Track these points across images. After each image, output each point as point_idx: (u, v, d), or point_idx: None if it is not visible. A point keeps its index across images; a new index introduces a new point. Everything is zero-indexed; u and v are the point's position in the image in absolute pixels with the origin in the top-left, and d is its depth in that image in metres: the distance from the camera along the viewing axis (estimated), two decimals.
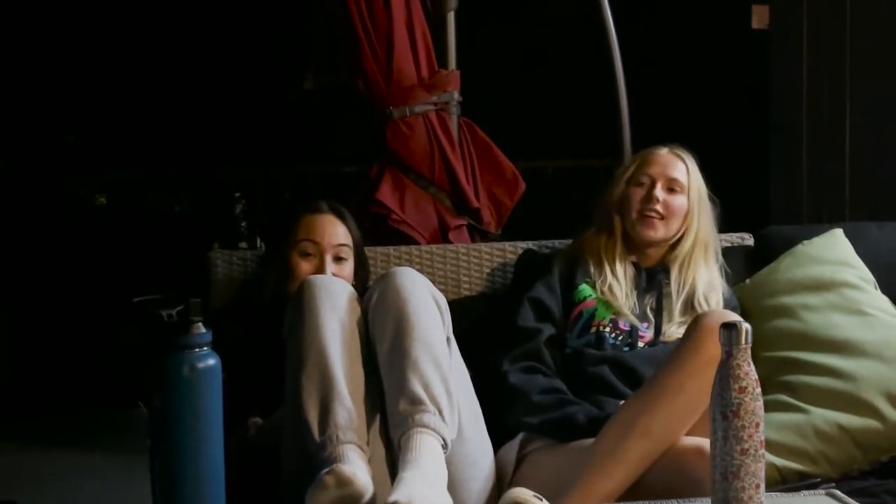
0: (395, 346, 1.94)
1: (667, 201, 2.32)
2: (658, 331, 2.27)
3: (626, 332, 2.26)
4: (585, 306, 2.28)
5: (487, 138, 3.04)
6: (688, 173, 2.35)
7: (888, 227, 2.62)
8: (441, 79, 2.94)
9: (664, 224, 2.32)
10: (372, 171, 2.92)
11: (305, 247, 2.26)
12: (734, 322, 1.63)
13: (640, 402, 1.94)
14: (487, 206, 2.99)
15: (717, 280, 2.36)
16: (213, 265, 2.49)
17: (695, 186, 2.35)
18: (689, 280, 2.31)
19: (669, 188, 2.33)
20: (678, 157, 2.37)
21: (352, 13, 2.85)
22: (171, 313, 1.66)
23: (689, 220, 2.34)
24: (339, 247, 2.28)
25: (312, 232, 2.27)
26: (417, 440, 1.83)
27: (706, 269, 2.34)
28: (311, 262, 2.25)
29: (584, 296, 2.29)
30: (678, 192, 2.33)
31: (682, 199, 2.33)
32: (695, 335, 1.92)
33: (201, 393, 1.62)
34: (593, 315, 2.27)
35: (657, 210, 2.31)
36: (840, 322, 2.32)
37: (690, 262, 2.33)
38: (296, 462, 1.91)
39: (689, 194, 2.34)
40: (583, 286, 2.30)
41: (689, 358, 1.90)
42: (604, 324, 2.26)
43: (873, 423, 2.18)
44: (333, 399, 1.88)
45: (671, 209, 2.32)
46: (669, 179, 2.33)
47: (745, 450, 1.59)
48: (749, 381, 1.60)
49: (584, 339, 2.25)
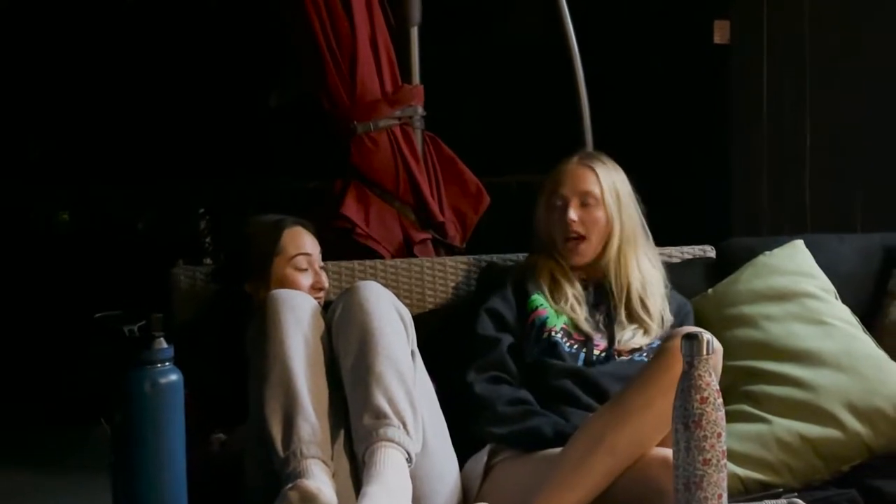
0: (359, 360, 1.93)
1: (583, 218, 2.32)
2: (611, 340, 2.29)
3: (580, 341, 2.27)
4: (538, 315, 2.29)
5: (452, 153, 3.05)
6: (599, 181, 2.33)
7: (848, 240, 2.65)
8: (405, 93, 2.94)
9: (587, 242, 2.33)
10: (336, 186, 2.91)
11: (300, 262, 2.28)
12: (696, 333, 1.64)
13: (608, 417, 1.95)
14: (452, 220, 2.99)
15: (651, 273, 2.36)
16: (176, 281, 2.48)
17: (609, 191, 2.33)
18: (625, 282, 2.32)
19: (583, 203, 2.33)
20: (586, 166, 2.36)
21: (314, 28, 2.84)
22: (133, 329, 1.65)
23: (611, 225, 2.34)
24: (319, 256, 2.33)
25: (303, 246, 2.29)
26: (382, 454, 1.83)
27: (637, 265, 2.34)
28: (307, 275, 2.28)
29: (536, 305, 2.31)
30: (593, 205, 2.33)
31: (598, 211, 2.33)
32: (663, 353, 1.93)
33: (163, 409, 1.62)
34: (545, 322, 2.28)
35: (577, 231, 2.32)
36: (801, 332, 2.34)
37: (621, 261, 2.33)
38: (260, 477, 1.90)
39: (605, 200, 2.33)
40: (535, 296, 2.32)
41: (659, 375, 1.91)
42: (555, 330, 2.27)
43: (834, 432, 2.20)
44: (297, 413, 1.87)
45: (589, 225, 2.32)
46: (581, 194, 2.33)
47: (707, 460, 1.61)
48: (710, 392, 1.62)
49: (539, 346, 2.26)
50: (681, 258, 2.62)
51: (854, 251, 2.59)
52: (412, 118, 2.96)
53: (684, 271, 2.57)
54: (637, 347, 2.27)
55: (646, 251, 2.38)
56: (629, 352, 2.26)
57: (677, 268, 2.57)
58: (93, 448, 3.09)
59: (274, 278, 2.26)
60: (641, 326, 2.29)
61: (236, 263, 2.35)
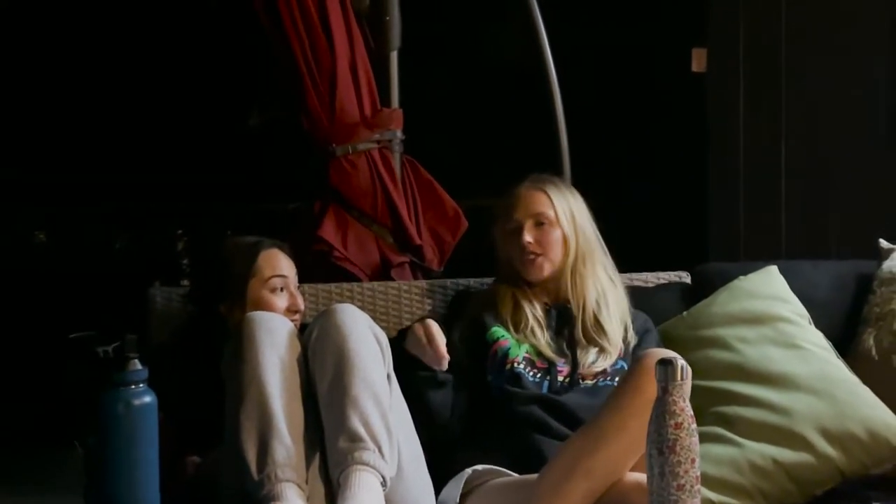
0: (335, 383, 1.93)
1: (538, 239, 2.35)
2: (575, 364, 2.29)
3: (543, 369, 2.28)
4: (500, 345, 2.30)
5: (430, 177, 3.06)
6: (551, 202, 2.37)
7: (822, 266, 2.67)
8: (384, 117, 2.95)
9: (546, 259, 2.35)
10: (314, 208, 2.91)
11: (275, 283, 2.27)
12: (670, 358, 1.65)
13: (583, 441, 1.95)
14: (430, 243, 3.00)
15: (609, 290, 2.37)
16: (152, 302, 2.47)
17: (562, 210, 2.37)
18: (581, 299, 2.34)
19: (537, 223, 2.36)
20: (537, 189, 2.39)
21: (294, 50, 2.85)
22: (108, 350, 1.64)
23: (567, 243, 2.36)
24: (296, 278, 2.32)
25: (278, 268, 2.28)
26: (356, 477, 1.83)
27: (594, 282, 2.36)
28: (283, 297, 2.27)
29: (497, 336, 2.32)
30: (547, 225, 2.36)
31: (552, 230, 2.36)
32: (636, 375, 1.93)
33: (137, 430, 1.61)
34: (507, 353, 2.29)
35: (533, 251, 2.34)
36: (775, 355, 2.36)
37: (577, 279, 2.35)
38: (234, 500, 1.89)
39: (559, 219, 2.36)
40: (495, 328, 2.33)
41: (631, 398, 1.91)
42: (517, 361, 2.27)
43: (807, 456, 2.21)
44: (272, 436, 1.87)
45: (544, 244, 2.35)
46: (534, 215, 2.36)
47: (681, 485, 1.61)
48: (685, 418, 1.63)
49: (503, 377, 2.26)
50: (656, 282, 2.64)
51: (828, 277, 2.61)
52: (391, 142, 2.98)
53: (659, 295, 2.59)
54: (601, 370, 2.28)
55: (604, 267, 2.40)
56: (593, 376, 2.27)
57: (652, 292, 2.59)
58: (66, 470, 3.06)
59: (249, 300, 2.25)
60: (598, 347, 2.31)
61: (212, 285, 2.35)
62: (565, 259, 2.36)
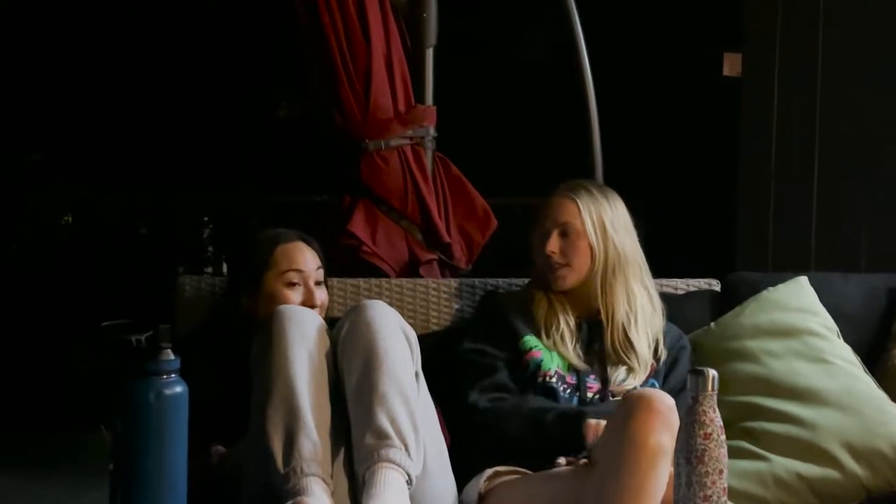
0: (363, 379, 1.93)
1: (563, 248, 2.32)
2: (605, 381, 2.27)
3: (573, 385, 2.26)
4: (532, 356, 2.28)
5: (461, 174, 3.06)
6: (579, 212, 2.33)
7: (853, 279, 2.65)
8: (417, 113, 2.95)
9: (570, 269, 2.32)
10: (344, 203, 2.91)
11: (291, 277, 2.25)
12: (701, 369, 1.65)
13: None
14: (459, 241, 2.99)
15: (643, 305, 2.33)
16: (181, 290, 2.48)
17: (590, 221, 2.32)
18: (611, 308, 2.31)
19: (563, 233, 2.33)
20: (568, 197, 2.35)
21: (331, 45, 2.85)
22: (140, 339, 1.65)
23: (595, 254, 2.33)
24: (318, 272, 2.28)
25: (295, 261, 2.26)
26: (382, 475, 1.83)
27: (626, 296, 2.32)
28: (298, 292, 2.24)
29: (530, 346, 2.29)
30: (573, 235, 2.32)
31: (578, 241, 2.32)
32: (630, 427, 1.84)
33: (167, 420, 1.62)
34: (539, 365, 2.27)
35: (557, 262, 2.32)
36: (802, 370, 2.34)
37: (607, 290, 2.32)
38: (258, 492, 1.89)
39: (586, 230, 2.32)
40: (528, 336, 2.30)
41: (636, 455, 1.82)
42: (549, 374, 2.25)
43: (832, 472, 2.20)
44: (299, 430, 1.87)
45: (569, 254, 2.32)
46: (561, 224, 2.33)
47: (707, 496, 1.61)
48: (714, 428, 1.62)
49: (535, 390, 2.24)
50: (686, 290, 2.63)
51: (858, 291, 2.59)
52: (424, 138, 2.97)
53: (688, 303, 2.57)
54: (631, 389, 2.25)
55: (641, 282, 2.36)
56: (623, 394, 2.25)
57: (681, 299, 2.58)
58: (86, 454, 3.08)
59: (265, 293, 2.24)
60: (627, 365, 2.28)
61: (234, 276, 2.35)
62: (591, 269, 2.33)
